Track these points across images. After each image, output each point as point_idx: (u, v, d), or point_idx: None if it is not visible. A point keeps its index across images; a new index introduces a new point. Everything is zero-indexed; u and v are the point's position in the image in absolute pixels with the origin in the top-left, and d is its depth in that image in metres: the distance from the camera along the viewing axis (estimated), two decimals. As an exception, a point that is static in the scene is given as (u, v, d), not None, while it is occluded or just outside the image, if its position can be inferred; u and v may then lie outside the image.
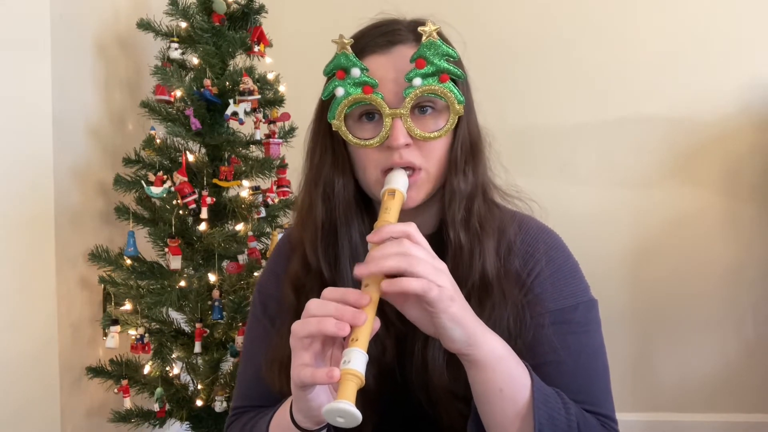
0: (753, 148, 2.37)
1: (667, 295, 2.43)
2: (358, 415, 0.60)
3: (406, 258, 0.67)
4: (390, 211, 0.75)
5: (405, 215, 0.78)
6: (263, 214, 1.88)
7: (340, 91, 0.79)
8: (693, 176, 2.42)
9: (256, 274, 1.83)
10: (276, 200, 1.91)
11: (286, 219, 2.00)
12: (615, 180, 2.44)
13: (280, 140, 1.92)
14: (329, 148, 0.85)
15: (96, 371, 1.80)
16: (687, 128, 2.39)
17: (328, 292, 0.69)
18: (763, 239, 2.38)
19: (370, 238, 0.71)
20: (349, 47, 0.77)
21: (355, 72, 0.78)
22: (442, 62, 0.77)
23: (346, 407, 0.60)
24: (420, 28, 0.77)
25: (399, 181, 0.78)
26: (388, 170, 0.80)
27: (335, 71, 0.79)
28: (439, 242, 0.81)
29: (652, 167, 2.42)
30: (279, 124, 1.94)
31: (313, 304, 0.68)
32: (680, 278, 2.42)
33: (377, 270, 0.67)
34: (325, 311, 0.67)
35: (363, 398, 0.62)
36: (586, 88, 2.43)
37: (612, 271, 2.43)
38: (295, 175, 0.96)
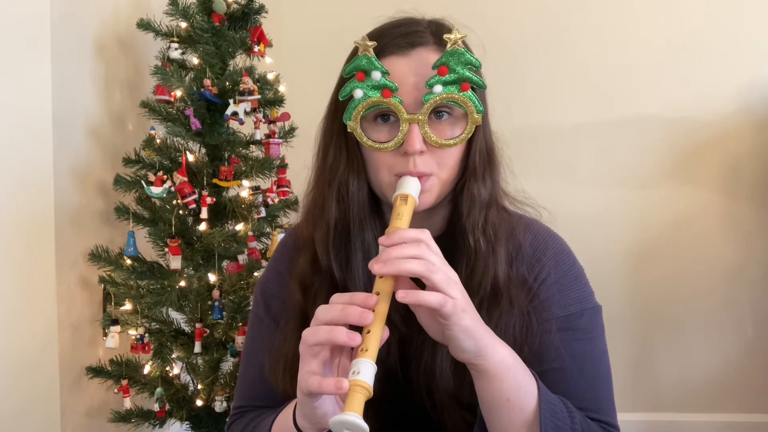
0: (753, 148, 2.37)
1: (667, 295, 2.43)
2: (366, 428, 0.60)
3: (425, 263, 0.67)
4: (402, 216, 0.75)
5: (414, 218, 0.78)
6: (263, 214, 1.88)
7: (358, 93, 0.78)
8: (693, 176, 2.42)
9: (256, 274, 1.83)
10: (276, 200, 1.91)
11: (286, 219, 2.00)
12: (615, 180, 2.44)
13: (280, 140, 1.92)
14: (343, 148, 0.84)
15: (96, 371, 1.80)
16: (687, 128, 2.39)
17: (336, 297, 0.69)
18: (763, 239, 2.38)
19: (382, 240, 0.70)
20: (371, 50, 0.76)
21: (376, 75, 0.77)
22: (465, 71, 0.76)
23: (354, 420, 0.59)
24: (445, 36, 0.76)
25: (411, 185, 0.78)
26: (400, 173, 0.80)
27: (355, 72, 0.78)
28: (447, 245, 0.81)
29: (652, 167, 2.42)
30: (279, 124, 1.94)
31: (320, 310, 0.68)
32: (680, 278, 2.42)
33: (395, 270, 0.67)
34: (331, 314, 0.66)
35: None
36: (585, 88, 2.43)
37: (612, 271, 2.43)
38: (295, 175, 0.95)
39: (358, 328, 0.66)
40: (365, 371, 0.63)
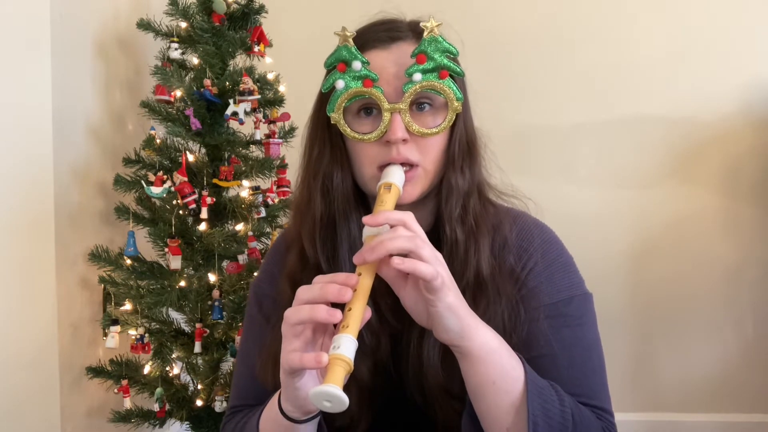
0: (753, 148, 2.37)
1: (667, 295, 2.43)
2: (345, 400, 0.60)
3: (412, 239, 0.68)
4: (386, 204, 0.75)
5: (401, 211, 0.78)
6: (263, 214, 1.88)
7: (340, 84, 0.79)
8: (693, 176, 2.42)
9: (255, 274, 1.83)
10: (276, 200, 1.91)
11: (286, 219, 2.00)
12: (615, 180, 2.44)
13: (280, 140, 1.92)
14: (328, 141, 0.85)
15: (96, 371, 1.80)
16: (687, 128, 2.39)
17: (318, 278, 0.70)
18: (763, 239, 2.38)
19: (366, 219, 0.71)
20: (351, 40, 0.78)
21: (356, 65, 0.78)
22: (443, 58, 0.78)
23: (333, 391, 0.59)
24: (422, 24, 0.78)
25: (395, 175, 0.78)
26: (384, 166, 0.81)
27: (336, 63, 0.79)
28: (435, 240, 0.81)
29: (652, 167, 2.42)
30: (279, 124, 1.95)
31: (301, 290, 0.69)
32: (680, 278, 2.42)
33: (384, 251, 0.67)
34: (312, 292, 0.67)
35: (358, 394, 0.62)
36: (586, 88, 2.43)
37: (612, 271, 2.43)
38: (294, 174, 0.96)
39: (341, 307, 0.66)
40: (345, 346, 0.63)
